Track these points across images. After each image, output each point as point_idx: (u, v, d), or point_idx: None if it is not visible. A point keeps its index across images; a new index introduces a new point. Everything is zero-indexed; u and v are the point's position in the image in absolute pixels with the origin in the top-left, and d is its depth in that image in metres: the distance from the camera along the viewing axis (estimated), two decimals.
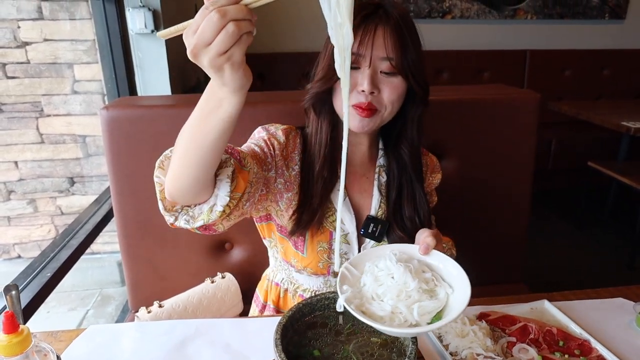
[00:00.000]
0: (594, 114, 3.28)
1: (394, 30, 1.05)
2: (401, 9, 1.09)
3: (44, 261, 1.46)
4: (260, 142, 1.13)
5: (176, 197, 0.91)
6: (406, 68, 1.06)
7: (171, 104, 1.53)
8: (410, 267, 0.83)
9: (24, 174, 2.67)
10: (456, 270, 0.85)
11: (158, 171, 0.95)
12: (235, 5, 0.67)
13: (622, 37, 4.58)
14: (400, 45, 1.05)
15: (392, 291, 0.81)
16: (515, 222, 1.80)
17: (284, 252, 1.24)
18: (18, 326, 0.71)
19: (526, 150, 1.71)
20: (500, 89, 1.84)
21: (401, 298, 0.80)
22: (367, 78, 1.05)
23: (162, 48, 2.35)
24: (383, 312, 0.79)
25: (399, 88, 1.08)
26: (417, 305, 0.79)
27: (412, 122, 1.18)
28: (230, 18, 0.66)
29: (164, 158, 0.96)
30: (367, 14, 1.05)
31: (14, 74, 2.49)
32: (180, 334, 1.04)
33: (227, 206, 0.93)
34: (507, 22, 4.41)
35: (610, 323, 1.08)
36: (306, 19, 4.04)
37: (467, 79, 4.25)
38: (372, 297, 0.82)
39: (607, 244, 3.52)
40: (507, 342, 0.99)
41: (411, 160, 1.21)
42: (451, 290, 0.83)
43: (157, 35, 0.74)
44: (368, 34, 1.04)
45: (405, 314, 0.78)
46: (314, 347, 0.84)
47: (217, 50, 0.67)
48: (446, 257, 0.88)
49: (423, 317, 0.79)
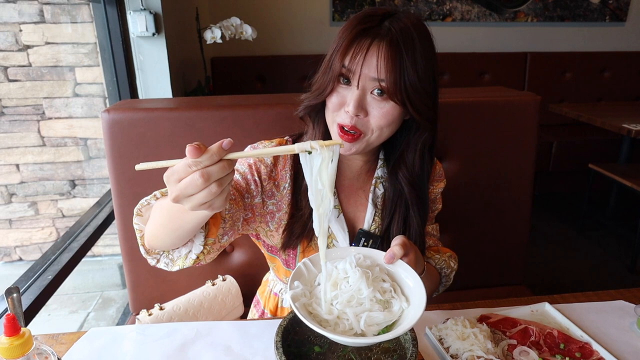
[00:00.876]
0: (595, 116, 3.28)
1: (390, 47, 0.94)
2: (411, 21, 0.98)
3: (45, 264, 1.46)
4: (245, 168, 1.10)
5: (156, 248, 0.95)
6: (401, 92, 0.95)
7: (172, 107, 1.53)
8: (368, 274, 0.81)
9: (25, 177, 2.67)
10: (416, 285, 0.81)
11: (137, 218, 0.97)
12: (217, 165, 0.68)
13: (622, 40, 4.59)
14: (394, 66, 0.93)
15: (344, 295, 0.79)
16: (516, 224, 1.80)
17: (276, 269, 1.24)
18: (19, 329, 0.71)
19: (527, 152, 1.71)
20: (501, 92, 1.84)
21: (352, 304, 0.78)
22: (354, 99, 0.96)
23: (163, 51, 2.36)
24: (329, 316, 0.77)
25: (390, 114, 0.98)
26: (367, 314, 0.77)
27: (414, 149, 1.09)
28: (213, 180, 0.68)
29: (141, 206, 0.97)
30: (367, 28, 0.96)
31: (16, 77, 2.49)
32: (181, 336, 1.04)
33: (200, 253, 0.95)
34: (508, 24, 4.42)
35: (611, 325, 1.08)
36: (306, 22, 4.05)
37: (467, 81, 4.25)
38: (322, 299, 0.80)
39: (608, 246, 3.51)
40: (508, 344, 0.99)
41: (410, 188, 1.11)
42: (407, 305, 0.80)
43: (136, 167, 0.74)
44: (360, 50, 0.95)
45: (351, 321, 0.76)
46: (315, 343, 0.85)
47: (198, 202, 0.70)
48: (409, 269, 0.84)
49: (370, 328, 0.76)
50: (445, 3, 4.25)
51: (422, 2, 4.21)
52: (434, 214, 1.28)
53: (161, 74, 2.39)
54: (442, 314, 1.10)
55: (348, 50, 0.96)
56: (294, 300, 0.77)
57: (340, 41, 0.98)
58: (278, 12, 4.05)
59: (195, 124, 1.46)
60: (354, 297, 0.79)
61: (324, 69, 1.02)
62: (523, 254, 1.84)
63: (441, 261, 1.21)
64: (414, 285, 0.82)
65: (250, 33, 2.76)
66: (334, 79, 0.99)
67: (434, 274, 1.18)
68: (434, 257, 1.21)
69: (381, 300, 0.80)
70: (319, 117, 1.09)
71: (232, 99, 1.68)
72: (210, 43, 2.66)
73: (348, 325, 0.76)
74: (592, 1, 4.42)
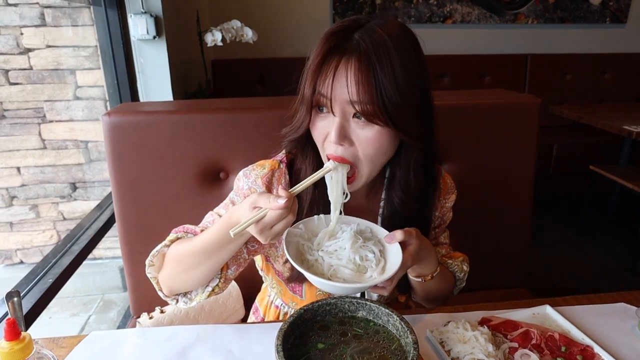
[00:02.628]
0: (596, 118, 3.28)
1: (359, 63, 0.84)
2: (387, 29, 0.87)
3: (46, 267, 1.46)
4: (240, 199, 1.09)
5: (177, 291, 1.05)
6: (382, 113, 0.85)
7: (173, 110, 1.54)
8: (358, 239, 0.92)
9: (26, 180, 2.68)
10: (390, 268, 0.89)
11: (150, 269, 1.05)
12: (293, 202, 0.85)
13: (623, 42, 4.59)
14: (368, 84, 0.83)
15: (330, 247, 0.91)
16: (517, 226, 1.80)
17: (282, 294, 1.22)
18: (20, 333, 0.71)
19: (527, 154, 1.71)
20: (501, 94, 1.84)
21: (332, 256, 0.90)
22: (335, 128, 0.89)
23: (163, 54, 2.36)
24: (310, 257, 0.91)
25: (377, 140, 0.90)
26: (337, 267, 0.88)
27: (406, 169, 1.01)
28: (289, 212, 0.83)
29: (152, 257, 1.05)
30: (335, 45, 0.87)
31: (17, 80, 2.50)
32: (182, 339, 1.04)
33: (216, 286, 1.03)
34: (508, 26, 4.42)
35: (613, 328, 1.07)
36: (306, 24, 4.06)
37: (468, 83, 4.26)
38: (315, 244, 0.93)
39: (609, 248, 3.51)
40: (509, 347, 0.98)
41: (406, 209, 1.05)
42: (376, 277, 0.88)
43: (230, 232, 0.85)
44: (329, 72, 0.86)
45: (324, 266, 0.89)
46: (318, 341, 0.85)
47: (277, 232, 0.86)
48: (399, 254, 0.91)
49: (336, 279, 0.87)
50: (446, 5, 4.25)
51: (423, 5, 4.22)
52: (445, 225, 1.25)
53: (162, 77, 2.39)
54: (443, 317, 1.10)
55: (316, 73, 0.88)
56: (288, 234, 0.90)
57: (310, 63, 0.90)
58: (278, 14, 4.06)
59: (196, 126, 1.47)
60: (336, 251, 0.90)
61: (300, 97, 0.94)
62: (524, 256, 1.84)
63: (454, 266, 1.20)
64: (392, 267, 0.90)
65: (250, 36, 2.77)
66: (309, 109, 0.92)
67: (449, 277, 1.18)
68: (447, 262, 1.21)
69: (358, 264, 0.89)
70: (307, 147, 1.02)
71: (233, 102, 1.68)
72: (211, 46, 2.67)
73: (320, 270, 0.89)
74: (593, 3, 4.42)
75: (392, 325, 0.88)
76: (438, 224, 1.23)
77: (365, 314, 0.92)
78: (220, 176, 1.53)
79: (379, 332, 0.88)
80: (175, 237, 1.06)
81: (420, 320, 1.09)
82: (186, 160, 1.48)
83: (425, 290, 1.11)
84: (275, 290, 1.24)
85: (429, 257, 1.01)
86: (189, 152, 1.48)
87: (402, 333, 0.85)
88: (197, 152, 1.48)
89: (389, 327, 0.89)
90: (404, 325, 0.84)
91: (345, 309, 0.92)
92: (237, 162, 1.50)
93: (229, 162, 1.51)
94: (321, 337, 0.86)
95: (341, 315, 0.92)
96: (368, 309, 0.91)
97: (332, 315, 0.92)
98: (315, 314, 0.90)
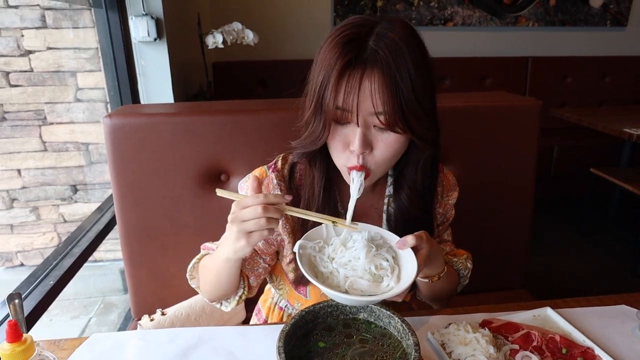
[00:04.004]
0: (596, 121, 3.28)
1: (383, 75, 0.84)
2: (398, 32, 0.87)
3: (47, 269, 1.46)
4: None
5: (215, 300, 1.15)
6: (401, 121, 0.87)
7: (174, 112, 1.54)
8: (371, 247, 0.89)
9: (26, 182, 2.68)
10: (408, 275, 0.87)
11: (192, 281, 1.18)
12: (275, 207, 0.86)
13: (623, 44, 4.59)
14: (391, 95, 0.84)
15: (343, 258, 0.89)
16: (518, 228, 1.80)
17: (288, 294, 1.23)
18: (21, 335, 0.71)
19: (528, 156, 1.72)
20: (502, 96, 1.85)
21: (347, 267, 0.87)
22: (359, 137, 0.89)
23: (164, 56, 2.36)
24: (324, 269, 0.88)
25: (394, 144, 0.92)
26: (354, 278, 0.85)
27: (414, 168, 1.04)
28: (266, 216, 0.84)
29: (190, 272, 1.18)
30: (353, 58, 0.85)
31: (17, 82, 2.50)
32: (183, 342, 1.04)
33: (242, 294, 1.13)
34: (509, 29, 4.43)
35: (614, 330, 1.07)
36: (308, 26, 4.07)
37: (469, 86, 4.26)
38: (327, 255, 0.91)
39: (610, 250, 3.51)
40: (510, 349, 0.98)
41: (413, 206, 1.07)
42: (394, 285, 0.86)
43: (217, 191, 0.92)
44: (353, 87, 0.85)
45: (340, 279, 0.86)
46: (319, 340, 0.86)
47: (246, 229, 0.86)
48: (413, 260, 0.88)
49: (353, 291, 0.85)
50: (447, 8, 4.26)
51: (424, 7, 4.22)
52: (448, 222, 1.26)
53: (163, 79, 2.40)
54: (444, 319, 1.10)
55: (339, 88, 0.87)
56: (300, 247, 0.89)
57: (326, 76, 0.88)
58: (279, 16, 4.06)
59: (197, 129, 1.47)
60: (350, 262, 0.88)
61: (314, 109, 0.93)
62: (525, 258, 1.84)
63: (458, 263, 1.21)
64: (408, 273, 0.87)
65: (251, 38, 2.77)
66: (329, 123, 0.92)
67: (454, 276, 1.19)
68: (452, 260, 1.21)
69: (374, 274, 0.87)
70: (317, 159, 1.03)
71: (234, 104, 1.68)
72: (212, 48, 2.67)
73: (336, 282, 0.86)
74: (593, 6, 4.43)
75: (394, 328, 0.88)
76: (441, 222, 1.23)
77: (366, 316, 0.92)
78: (221, 178, 1.53)
79: (385, 336, 0.88)
80: (201, 255, 1.17)
81: (422, 323, 1.09)
82: (187, 163, 1.49)
83: (431, 289, 1.12)
84: (282, 291, 1.24)
85: (437, 259, 1.01)
86: (189, 154, 1.48)
87: (403, 335, 0.85)
88: (198, 154, 1.48)
89: (390, 329, 0.89)
90: (406, 327, 0.84)
91: (346, 311, 0.93)
92: (238, 165, 1.50)
93: (230, 164, 1.51)
94: (324, 337, 0.87)
95: (343, 317, 0.92)
96: (369, 311, 0.92)
97: (333, 317, 0.92)
98: (317, 315, 0.90)
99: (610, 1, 4.44)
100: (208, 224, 1.54)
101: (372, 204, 1.14)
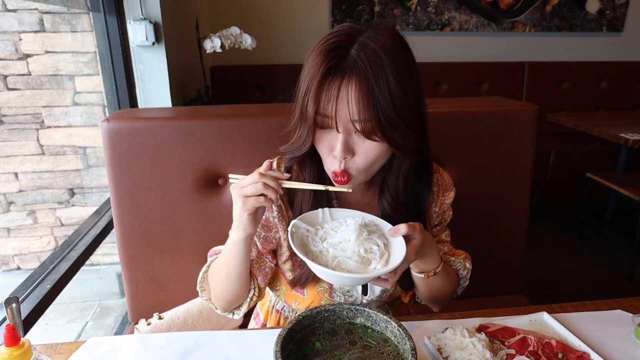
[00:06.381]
0: (593, 126, 3.30)
1: (359, 84, 0.86)
2: (380, 41, 0.88)
3: (44, 273, 1.46)
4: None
5: (228, 307, 1.15)
6: (379, 130, 0.88)
7: (172, 116, 1.54)
8: (362, 231, 0.92)
9: (24, 186, 2.67)
10: (395, 259, 0.90)
11: (202, 293, 1.18)
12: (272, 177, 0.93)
13: (620, 50, 4.62)
14: (367, 104, 0.86)
15: (334, 239, 0.92)
16: (514, 233, 1.81)
17: (286, 294, 1.23)
18: (19, 339, 0.71)
19: (524, 161, 1.72)
20: (499, 101, 1.85)
21: (336, 247, 0.91)
22: (340, 143, 0.92)
23: (162, 60, 2.37)
24: (314, 248, 0.92)
25: (374, 151, 0.94)
26: (342, 258, 0.89)
27: (396, 175, 1.05)
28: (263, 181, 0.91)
29: (200, 284, 1.17)
30: (334, 66, 0.87)
31: (15, 85, 2.50)
32: (180, 346, 1.04)
33: (253, 295, 1.13)
34: (506, 34, 4.45)
35: (609, 335, 1.08)
36: (305, 31, 4.08)
37: (465, 91, 4.28)
38: (320, 236, 0.94)
39: (606, 255, 3.52)
40: (507, 354, 0.99)
41: (395, 214, 1.07)
42: (380, 268, 0.89)
43: (229, 176, 1.01)
44: (332, 94, 0.88)
45: (328, 258, 0.90)
46: (316, 340, 0.86)
47: (246, 193, 0.92)
48: (402, 248, 0.91)
49: (340, 270, 0.88)
50: (444, 13, 4.27)
51: (421, 12, 4.24)
52: (446, 223, 1.26)
53: (161, 83, 2.40)
54: (441, 324, 1.10)
55: (319, 95, 0.90)
56: (293, 226, 0.93)
57: (309, 83, 0.91)
58: (277, 21, 4.07)
59: (195, 133, 1.47)
60: (341, 243, 0.91)
61: (299, 115, 0.96)
62: (521, 263, 1.85)
63: (457, 263, 1.21)
64: (396, 259, 0.90)
65: (249, 42, 2.78)
66: (312, 129, 0.95)
67: (452, 275, 1.18)
68: (450, 260, 1.21)
69: (362, 256, 0.90)
70: (307, 162, 1.06)
71: (232, 109, 1.69)
72: (210, 52, 2.68)
73: (324, 261, 0.89)
74: (589, 11, 4.45)
75: (390, 332, 0.88)
76: (438, 222, 1.23)
77: (363, 321, 0.92)
78: (219, 182, 1.53)
79: (387, 341, 0.88)
80: (208, 263, 1.17)
81: (418, 327, 1.09)
82: (185, 167, 1.49)
83: (429, 287, 1.12)
84: (279, 291, 1.25)
85: (431, 252, 1.02)
86: (187, 159, 1.48)
87: (400, 340, 0.85)
88: (195, 158, 1.49)
89: (387, 333, 0.89)
90: (402, 331, 0.84)
91: (343, 316, 0.93)
92: (236, 169, 1.51)
93: (228, 169, 1.51)
94: (324, 339, 0.87)
95: (340, 321, 0.93)
96: (366, 316, 0.92)
97: (330, 321, 0.92)
98: (314, 320, 0.91)
99: (607, 7, 4.47)
100: (205, 228, 1.54)
101: (367, 202, 1.15)
